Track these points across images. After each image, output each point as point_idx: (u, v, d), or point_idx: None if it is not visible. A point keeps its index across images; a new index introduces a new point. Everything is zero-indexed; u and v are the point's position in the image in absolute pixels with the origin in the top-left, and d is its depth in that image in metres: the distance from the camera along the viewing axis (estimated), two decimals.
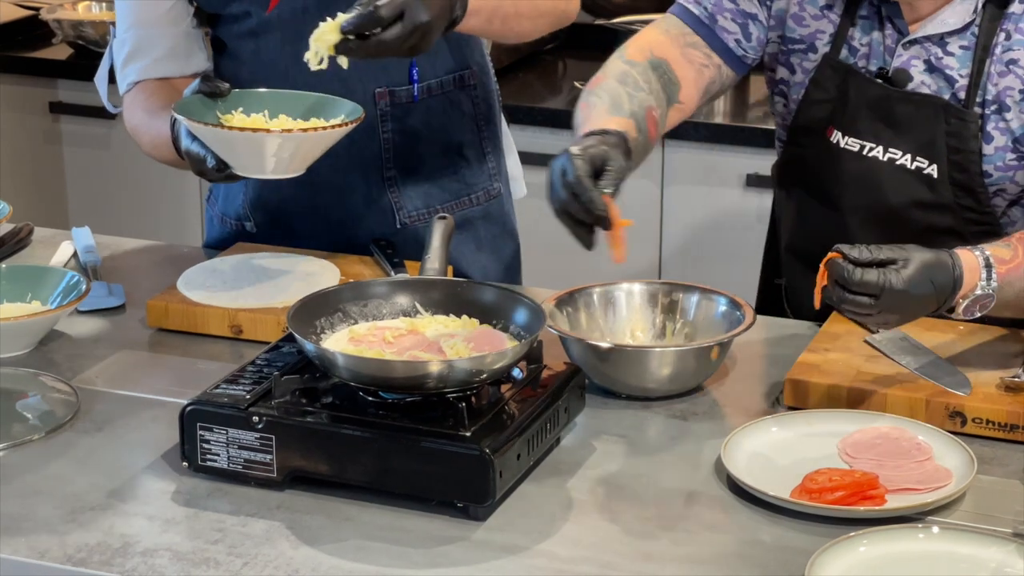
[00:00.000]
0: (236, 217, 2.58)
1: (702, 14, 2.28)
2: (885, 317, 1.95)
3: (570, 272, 2.93)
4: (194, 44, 2.48)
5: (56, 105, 4.02)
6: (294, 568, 1.69)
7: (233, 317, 2.23)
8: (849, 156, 2.24)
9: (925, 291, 1.93)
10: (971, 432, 1.95)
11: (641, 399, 2.06)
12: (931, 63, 2.18)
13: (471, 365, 1.82)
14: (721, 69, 2.29)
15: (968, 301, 1.97)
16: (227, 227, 2.61)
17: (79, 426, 2.00)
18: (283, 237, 2.53)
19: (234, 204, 2.59)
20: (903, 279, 1.91)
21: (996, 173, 2.18)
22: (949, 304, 1.96)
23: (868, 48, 2.22)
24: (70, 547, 1.73)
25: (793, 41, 2.27)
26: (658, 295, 2.19)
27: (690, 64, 2.27)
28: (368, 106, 2.39)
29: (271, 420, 1.82)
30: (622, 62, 2.24)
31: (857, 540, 1.69)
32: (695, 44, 2.28)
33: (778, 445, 1.92)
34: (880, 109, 2.21)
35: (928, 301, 1.95)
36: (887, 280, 1.91)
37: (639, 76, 2.21)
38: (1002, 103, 2.15)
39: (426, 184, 2.50)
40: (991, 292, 1.96)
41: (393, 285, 2.04)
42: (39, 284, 2.29)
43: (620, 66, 2.23)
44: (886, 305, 1.92)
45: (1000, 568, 1.66)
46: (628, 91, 2.18)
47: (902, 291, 1.91)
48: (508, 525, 1.77)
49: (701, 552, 1.73)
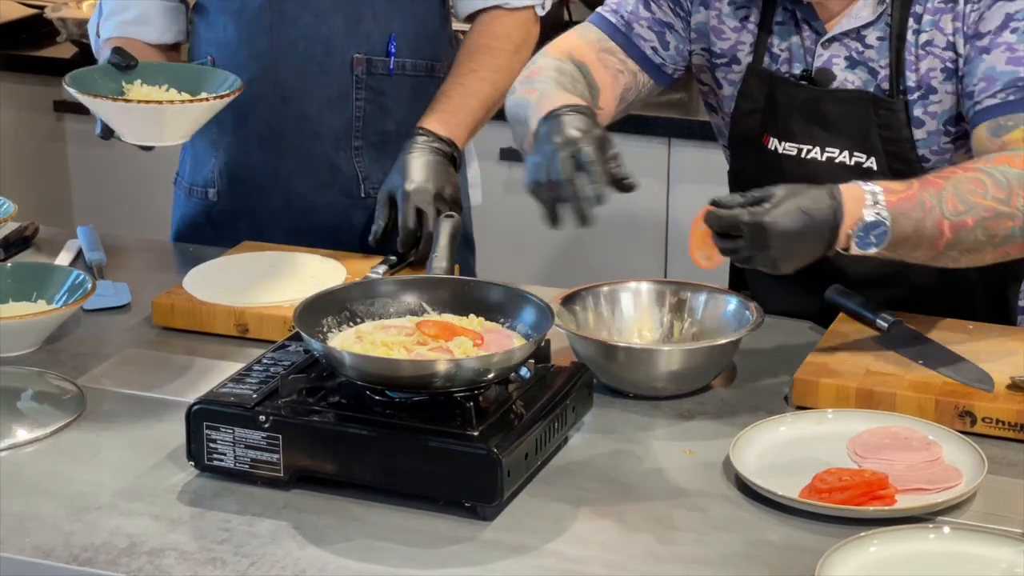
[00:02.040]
0: (203, 184, 2.64)
1: (618, 22, 2.28)
2: (768, 257, 1.89)
3: (574, 272, 2.93)
4: (168, 15, 2.58)
5: (60, 104, 4.01)
6: (301, 568, 1.68)
7: (239, 316, 2.22)
8: (789, 161, 2.23)
9: (801, 224, 1.88)
10: (981, 432, 1.94)
11: (649, 398, 2.05)
12: (852, 58, 2.17)
13: (478, 364, 1.81)
14: (637, 76, 2.29)
15: (859, 232, 1.91)
16: (193, 198, 2.66)
17: (84, 425, 1.99)
18: (245, 203, 2.59)
19: (203, 171, 2.64)
20: (772, 214, 1.87)
21: (933, 157, 2.17)
22: (838, 238, 1.91)
23: (788, 52, 2.22)
24: (76, 547, 1.72)
25: (717, 55, 2.27)
26: (666, 294, 2.18)
27: (606, 69, 2.27)
28: (345, 71, 2.51)
29: (278, 419, 1.82)
30: (552, 59, 2.24)
31: (867, 540, 1.68)
32: (611, 50, 2.28)
33: (787, 445, 1.91)
34: (810, 111, 2.20)
35: (809, 236, 1.89)
36: (755, 217, 1.87)
37: (573, 71, 2.22)
38: (927, 86, 2.14)
39: (390, 162, 2.51)
40: (882, 220, 1.91)
41: (400, 284, 2.03)
42: (44, 283, 2.28)
43: (552, 62, 2.23)
44: (760, 243, 1.88)
45: (1011, 568, 1.66)
46: (569, 80, 2.18)
47: (772, 225, 1.87)
48: (516, 525, 1.77)
49: (710, 552, 1.72)
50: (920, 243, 1.95)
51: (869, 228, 1.91)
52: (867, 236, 1.91)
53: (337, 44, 2.51)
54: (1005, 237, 1.96)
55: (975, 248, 1.97)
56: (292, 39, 2.50)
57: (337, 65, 2.51)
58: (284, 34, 2.49)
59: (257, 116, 2.55)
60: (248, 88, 2.46)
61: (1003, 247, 1.98)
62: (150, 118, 2.17)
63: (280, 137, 2.44)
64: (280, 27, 2.48)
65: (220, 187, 2.62)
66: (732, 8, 2.23)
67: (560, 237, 3.49)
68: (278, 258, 2.40)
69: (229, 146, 2.59)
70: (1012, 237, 1.96)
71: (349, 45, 2.52)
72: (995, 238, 1.96)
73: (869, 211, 1.91)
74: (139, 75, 2.28)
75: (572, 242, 3.54)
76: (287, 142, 2.55)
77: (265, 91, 2.53)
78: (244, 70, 2.47)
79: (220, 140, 2.60)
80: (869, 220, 1.91)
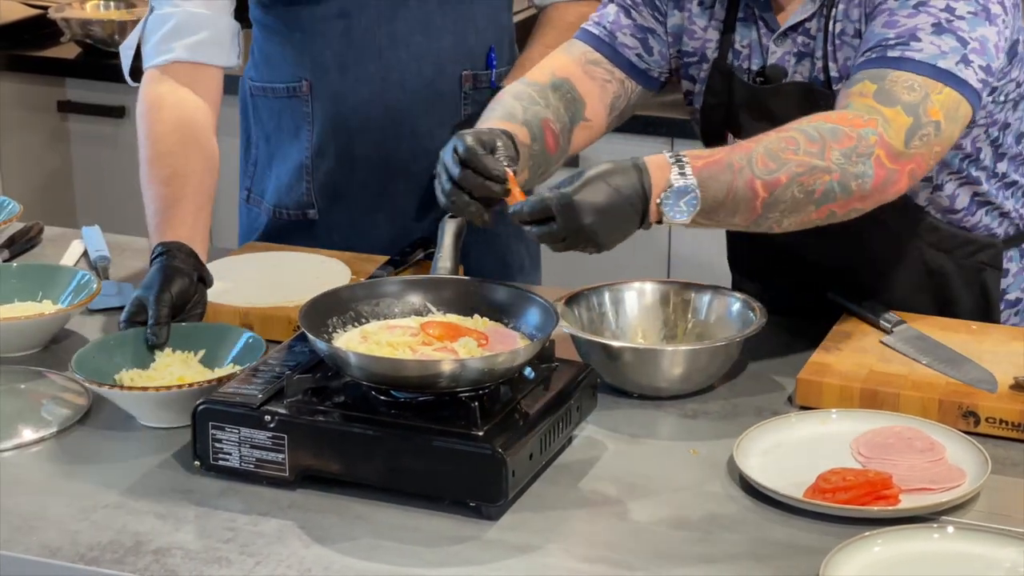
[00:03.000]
0: (297, 207, 2.58)
1: (602, 33, 2.29)
2: (584, 236, 1.89)
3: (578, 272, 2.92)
4: (233, 37, 2.49)
5: (64, 104, 4.02)
6: (306, 567, 1.69)
7: (244, 316, 2.22)
8: None
9: (608, 197, 1.88)
10: (984, 432, 1.94)
11: (653, 398, 2.06)
12: (800, 52, 2.17)
13: (483, 364, 1.82)
14: (625, 84, 2.29)
15: (668, 199, 1.90)
16: (282, 219, 2.60)
17: (90, 424, 2.00)
18: (346, 219, 2.54)
19: (293, 195, 2.58)
20: (580, 192, 1.87)
21: None
22: (649, 209, 1.91)
23: (748, 48, 2.22)
24: (82, 546, 1.73)
25: (688, 54, 2.28)
26: (670, 294, 2.19)
27: (592, 80, 2.27)
28: (455, 88, 2.50)
29: (283, 419, 1.82)
30: (521, 84, 2.25)
31: (871, 540, 1.69)
32: (597, 61, 2.28)
33: (791, 445, 1.91)
34: (756, 108, 2.21)
35: (619, 207, 1.89)
36: (563, 198, 1.87)
37: (535, 93, 2.21)
38: (847, 76, 2.13)
39: None
40: (689, 186, 1.90)
41: (405, 284, 2.03)
42: (50, 283, 2.29)
43: (517, 87, 2.24)
44: (572, 221, 1.87)
45: (1014, 568, 1.66)
46: (523, 104, 2.18)
47: (580, 201, 1.87)
48: (520, 524, 1.77)
49: (714, 551, 1.72)
50: (736, 207, 1.94)
51: (678, 195, 1.90)
52: (676, 203, 1.91)
53: (448, 62, 2.50)
54: (824, 193, 1.95)
55: (795, 207, 1.95)
56: (404, 61, 2.47)
57: (448, 83, 2.49)
58: (395, 56, 2.46)
59: (366, 138, 2.51)
60: (355, 112, 2.46)
61: (825, 205, 1.96)
62: None
63: (390, 158, 2.37)
64: (391, 50, 2.45)
65: (321, 206, 2.57)
66: (701, 8, 2.25)
67: None
68: (283, 258, 2.40)
69: (331, 170, 2.54)
70: (831, 193, 1.95)
71: (458, 63, 2.50)
72: (813, 194, 1.94)
73: (676, 178, 1.90)
74: None
75: None
76: (397, 163, 2.51)
77: (374, 114, 2.49)
78: (352, 94, 2.47)
79: (318, 164, 2.54)
80: (677, 186, 1.90)
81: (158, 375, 2.01)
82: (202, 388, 1.92)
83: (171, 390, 1.93)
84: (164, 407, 1.95)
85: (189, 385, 1.94)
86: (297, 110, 2.53)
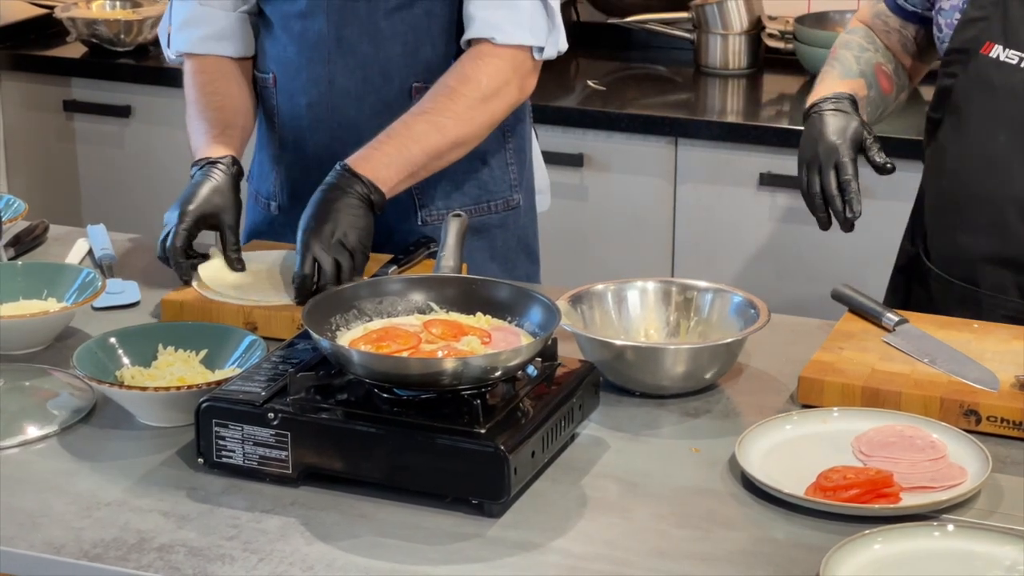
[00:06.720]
0: (266, 196, 2.63)
1: None
2: None
3: (580, 270, 2.93)
4: (243, 28, 2.55)
5: (70, 103, 4.02)
6: (309, 564, 1.70)
7: (248, 314, 2.23)
8: (1008, 70, 2.24)
9: None
10: (986, 430, 1.95)
11: (655, 397, 2.06)
12: None
13: (486, 362, 1.82)
14: (903, 32, 2.46)
15: None
16: (258, 206, 2.65)
17: (95, 422, 2.00)
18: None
19: (266, 183, 2.63)
20: None
21: None
22: None
23: None
24: (86, 543, 1.73)
25: None
26: (672, 293, 2.19)
27: (882, 32, 2.47)
28: (403, 99, 2.45)
29: (286, 417, 1.83)
30: (845, 32, 2.49)
31: (872, 538, 1.69)
32: (880, 13, 2.48)
33: (792, 443, 1.92)
34: None
35: None
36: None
37: (863, 40, 2.44)
38: None
39: (448, 186, 2.50)
40: None
41: (408, 282, 2.04)
42: (55, 281, 2.30)
43: (844, 37, 2.48)
44: None
45: (1015, 566, 1.66)
46: (854, 54, 2.41)
47: None
48: (522, 522, 1.77)
49: (715, 549, 1.73)
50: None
51: None
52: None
53: (396, 73, 2.46)
54: None
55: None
56: (351, 67, 2.45)
57: (395, 93, 2.44)
58: (343, 61, 2.45)
59: (317, 139, 2.51)
60: (308, 112, 2.49)
61: None
62: None
63: (337, 160, 2.37)
64: (339, 55, 2.45)
65: (281, 201, 2.59)
66: None
67: (565, 236, 3.50)
68: (286, 257, 2.41)
69: (291, 164, 2.56)
70: None
71: (408, 74, 2.46)
72: None
73: None
74: None
75: (578, 241, 3.55)
76: None
77: (324, 116, 2.49)
78: (303, 94, 2.48)
79: (282, 156, 2.57)
80: None
81: (159, 373, 2.01)
82: (201, 390, 1.93)
83: (170, 391, 1.94)
84: (162, 407, 1.96)
85: (188, 387, 1.94)
86: (268, 101, 2.57)
